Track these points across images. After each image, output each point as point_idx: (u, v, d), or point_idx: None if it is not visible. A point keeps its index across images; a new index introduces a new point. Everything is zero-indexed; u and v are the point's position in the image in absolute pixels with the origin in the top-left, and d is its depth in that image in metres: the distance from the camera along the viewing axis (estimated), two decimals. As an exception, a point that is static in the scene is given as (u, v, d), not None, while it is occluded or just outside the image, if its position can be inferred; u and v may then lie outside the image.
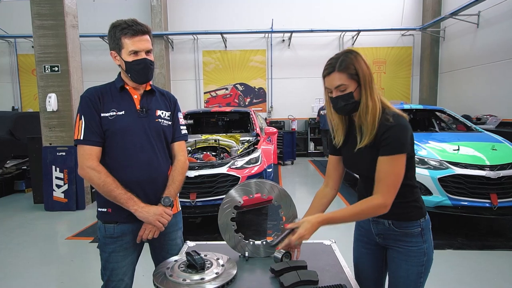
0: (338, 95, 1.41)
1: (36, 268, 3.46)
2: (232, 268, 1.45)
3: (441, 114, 6.09)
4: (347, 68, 1.38)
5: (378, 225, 1.54)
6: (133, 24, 1.57)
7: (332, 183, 1.65)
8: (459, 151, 4.11)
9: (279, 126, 10.64)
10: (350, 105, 1.41)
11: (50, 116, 5.42)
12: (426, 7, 10.43)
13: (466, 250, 3.66)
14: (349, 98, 1.40)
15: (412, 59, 10.93)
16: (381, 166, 1.37)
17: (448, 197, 3.82)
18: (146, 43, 1.61)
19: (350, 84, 1.39)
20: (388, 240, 1.53)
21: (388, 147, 1.36)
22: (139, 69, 1.61)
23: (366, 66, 1.39)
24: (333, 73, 1.40)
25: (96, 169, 1.56)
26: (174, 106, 1.83)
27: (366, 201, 1.39)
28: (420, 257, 1.47)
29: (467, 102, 8.88)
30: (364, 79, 1.38)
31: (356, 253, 1.69)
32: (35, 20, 5.29)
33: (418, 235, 1.48)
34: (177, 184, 1.73)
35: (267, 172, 4.52)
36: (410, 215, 1.47)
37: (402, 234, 1.48)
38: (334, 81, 1.40)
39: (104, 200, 1.62)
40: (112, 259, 1.67)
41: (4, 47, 11.28)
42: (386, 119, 1.38)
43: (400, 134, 1.36)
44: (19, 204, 5.88)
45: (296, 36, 10.58)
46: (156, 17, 10.38)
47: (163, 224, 1.63)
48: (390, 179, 1.36)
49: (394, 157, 1.35)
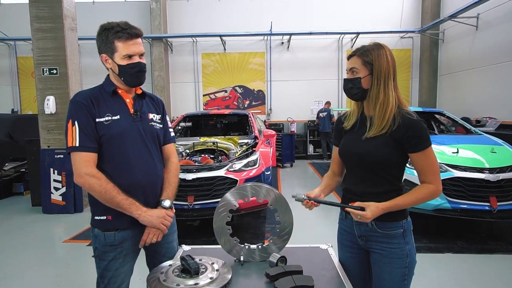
0: (349, 78, 1.53)
1: (33, 271, 3.44)
2: (227, 272, 1.43)
3: (440, 116, 6.09)
4: (365, 55, 1.47)
5: (361, 226, 1.55)
6: (127, 27, 1.54)
7: (337, 169, 1.73)
8: (458, 153, 4.10)
9: (278, 128, 10.64)
10: (355, 90, 1.50)
11: (48, 119, 5.41)
12: (425, 9, 10.45)
13: (465, 254, 3.63)
14: (356, 82, 1.49)
15: (411, 61, 10.94)
16: (420, 160, 1.45)
17: (447, 200, 3.80)
18: (140, 47, 1.59)
19: (361, 70, 1.48)
20: (370, 242, 1.54)
21: (422, 142, 1.43)
22: (133, 72, 1.59)
23: (387, 61, 1.45)
24: (353, 57, 1.51)
25: (96, 176, 1.51)
26: (162, 109, 1.83)
27: (422, 188, 1.46)
28: (403, 258, 1.48)
29: (467, 104, 8.87)
30: (379, 71, 1.44)
31: (341, 257, 1.69)
32: (34, 23, 5.29)
33: (400, 237, 1.49)
34: (174, 186, 1.73)
35: (265, 175, 4.50)
36: (393, 216, 1.48)
37: (384, 235, 1.50)
38: (350, 63, 1.52)
39: (103, 208, 1.57)
40: (111, 267, 1.63)
41: (4, 49, 11.30)
42: (410, 114, 1.44)
43: (423, 129, 1.44)
44: (17, 206, 5.85)
45: (295, 38, 10.59)
46: (155, 20, 10.40)
47: (166, 226, 1.62)
48: (434, 168, 1.45)
49: (428, 150, 1.44)
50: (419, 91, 10.92)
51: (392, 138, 1.45)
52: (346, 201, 1.57)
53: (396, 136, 1.44)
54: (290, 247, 1.66)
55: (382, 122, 1.44)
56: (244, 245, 1.65)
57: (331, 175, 1.74)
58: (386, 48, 1.48)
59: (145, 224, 1.58)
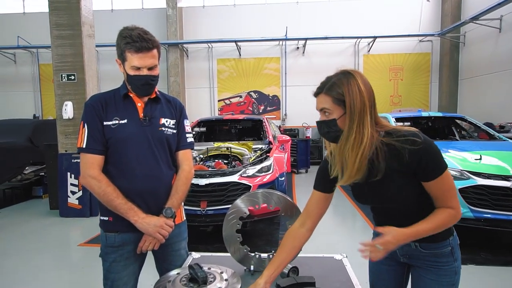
0: (322, 120, 1.29)
1: (48, 274, 3.47)
2: (236, 283, 1.39)
3: (461, 122, 5.87)
4: (333, 91, 1.24)
5: (404, 246, 1.38)
6: (138, 40, 1.49)
7: (310, 223, 1.43)
8: (482, 160, 3.92)
9: (293, 133, 10.55)
10: (333, 133, 1.27)
11: (66, 124, 5.51)
12: (445, 12, 10.20)
13: (489, 266, 3.46)
14: (331, 125, 1.25)
15: (431, 65, 10.68)
16: (435, 187, 1.25)
17: (469, 209, 3.62)
18: (149, 60, 1.54)
19: (334, 109, 1.24)
20: (415, 260, 1.41)
21: (435, 171, 1.24)
22: (139, 85, 1.58)
23: (359, 92, 1.21)
24: (320, 95, 1.28)
25: (97, 178, 1.53)
26: (180, 113, 1.77)
27: (443, 213, 1.27)
28: (451, 276, 1.36)
29: (489, 109, 8.57)
30: (352, 107, 1.20)
31: (373, 270, 1.57)
32: (53, 30, 5.43)
33: (449, 255, 1.36)
34: (180, 195, 1.67)
35: (279, 181, 4.43)
36: (439, 236, 1.34)
37: (431, 254, 1.37)
38: (319, 103, 1.29)
39: (105, 209, 1.59)
40: (113, 269, 1.63)
41: (27, 57, 11.69)
42: (412, 143, 1.20)
43: (435, 152, 1.24)
44: (36, 209, 5.97)
45: (311, 43, 10.52)
46: (171, 26, 10.54)
47: (163, 236, 1.57)
48: (453, 192, 1.28)
49: (445, 174, 1.25)
50: (438, 96, 10.63)
51: (404, 173, 1.25)
52: None
53: (409, 170, 1.24)
54: (302, 256, 1.59)
55: (353, 167, 1.23)
56: (254, 254, 1.59)
57: (297, 234, 1.42)
58: (356, 75, 1.24)
59: (141, 230, 1.56)
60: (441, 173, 1.24)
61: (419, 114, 5.73)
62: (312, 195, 1.45)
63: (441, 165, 1.24)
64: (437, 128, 6.00)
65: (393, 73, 10.73)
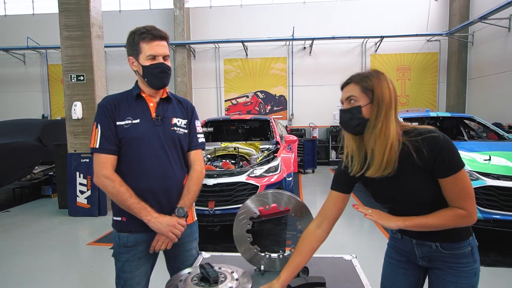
0: (347, 107, 1.31)
1: (57, 273, 3.52)
2: (247, 282, 1.39)
3: (470, 122, 5.83)
4: (363, 82, 1.28)
5: (424, 247, 1.40)
6: (151, 29, 1.60)
7: (327, 225, 1.43)
8: (491, 161, 3.89)
9: (300, 134, 10.54)
10: (355, 121, 1.28)
11: (75, 124, 5.57)
12: (453, 11, 10.11)
13: (499, 267, 3.43)
14: (356, 112, 1.28)
15: (439, 65, 10.59)
16: (450, 185, 1.25)
17: (478, 210, 3.60)
18: (163, 48, 1.62)
19: (361, 98, 1.28)
20: (434, 262, 1.40)
21: (451, 167, 1.24)
22: (156, 73, 1.61)
23: (388, 88, 1.26)
24: (349, 84, 1.32)
25: (110, 178, 1.55)
26: (191, 114, 1.80)
27: (452, 211, 1.26)
28: (471, 277, 1.35)
29: (498, 109, 8.47)
30: (380, 98, 1.25)
31: (387, 272, 1.56)
32: (63, 31, 5.49)
33: (469, 255, 1.36)
34: (192, 194, 1.69)
35: (287, 181, 4.43)
36: (460, 235, 1.35)
37: (451, 255, 1.36)
38: (347, 92, 1.32)
39: (118, 209, 1.61)
40: (126, 268, 1.64)
41: (36, 57, 11.83)
42: (431, 139, 1.24)
43: (453, 149, 1.25)
44: (45, 209, 6.05)
45: (317, 43, 10.50)
46: (178, 26, 10.59)
47: (176, 236, 1.59)
48: (466, 193, 1.26)
49: (460, 173, 1.24)
50: (446, 96, 10.54)
51: (423, 169, 1.26)
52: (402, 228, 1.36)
53: (426, 164, 1.25)
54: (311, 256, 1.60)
55: (382, 158, 1.25)
56: (264, 254, 1.60)
57: (314, 236, 1.42)
58: (386, 76, 1.30)
59: (154, 230, 1.57)
60: (457, 171, 1.23)
61: (427, 114, 5.69)
62: (330, 196, 1.46)
63: (457, 162, 1.24)
64: (445, 128, 5.96)
65: (400, 73, 10.66)
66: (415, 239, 1.41)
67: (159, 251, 1.66)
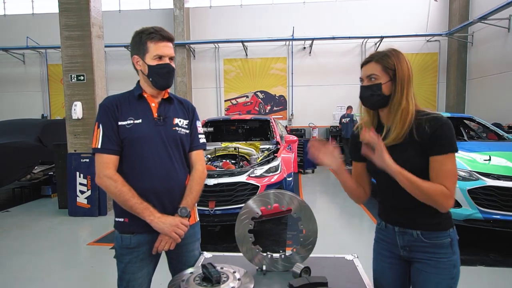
0: (367, 84, 1.42)
1: (57, 273, 3.51)
2: (249, 282, 1.39)
3: (470, 122, 5.83)
4: (385, 61, 1.38)
5: (405, 236, 1.45)
6: (160, 30, 1.61)
7: (365, 186, 1.60)
8: (491, 161, 3.89)
9: (300, 134, 10.55)
10: (376, 97, 1.40)
11: (75, 124, 5.57)
12: (452, 12, 10.13)
13: (499, 267, 3.43)
14: (377, 89, 1.39)
15: (438, 65, 10.62)
16: (441, 165, 1.31)
17: (478, 210, 3.61)
18: (170, 50, 1.64)
19: (382, 76, 1.38)
20: (414, 252, 1.44)
21: (443, 146, 1.31)
22: (163, 73, 1.61)
23: (406, 66, 1.38)
24: (370, 63, 1.42)
25: (113, 178, 1.55)
26: (192, 114, 1.80)
27: (435, 184, 1.30)
28: (450, 269, 1.38)
29: (498, 109, 8.49)
30: (401, 76, 1.36)
31: (376, 268, 1.59)
32: (63, 31, 5.49)
33: (448, 246, 1.39)
34: (195, 195, 1.69)
35: (287, 181, 4.44)
36: (440, 225, 1.40)
37: (431, 245, 1.40)
38: (368, 70, 1.42)
39: (120, 210, 1.60)
40: (128, 270, 1.64)
41: (35, 57, 11.83)
42: (434, 118, 1.34)
43: (451, 132, 1.34)
44: (45, 208, 6.04)
45: (317, 43, 10.52)
46: (178, 26, 10.60)
47: (179, 236, 1.58)
48: (450, 174, 1.31)
49: (451, 155, 1.32)
50: (446, 96, 10.56)
51: (419, 144, 1.34)
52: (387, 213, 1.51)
53: (423, 140, 1.33)
54: (313, 257, 1.60)
55: (401, 130, 1.36)
56: (266, 254, 1.60)
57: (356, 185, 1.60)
58: (401, 53, 1.41)
59: (157, 230, 1.57)
60: (448, 151, 1.31)
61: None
62: (354, 167, 1.62)
63: (451, 144, 1.32)
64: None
65: (400, 73, 10.68)
66: (398, 226, 1.46)
67: (161, 252, 1.65)
